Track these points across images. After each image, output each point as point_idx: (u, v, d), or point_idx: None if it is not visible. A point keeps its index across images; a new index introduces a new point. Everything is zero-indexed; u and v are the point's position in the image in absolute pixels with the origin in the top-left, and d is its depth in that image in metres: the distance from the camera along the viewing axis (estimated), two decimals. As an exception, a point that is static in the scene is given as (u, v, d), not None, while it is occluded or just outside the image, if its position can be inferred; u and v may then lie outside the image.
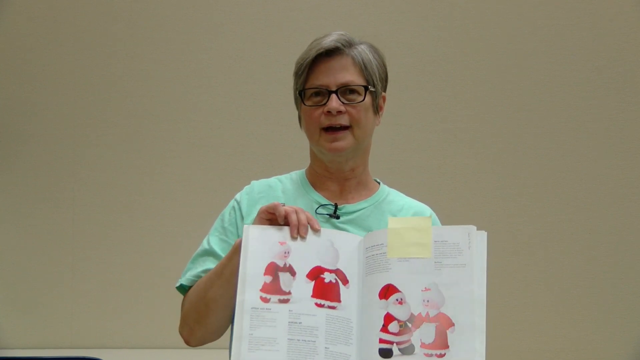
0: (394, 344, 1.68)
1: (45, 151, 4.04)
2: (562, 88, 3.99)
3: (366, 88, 1.90)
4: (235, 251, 1.78)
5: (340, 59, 1.89)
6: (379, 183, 2.05)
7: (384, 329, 1.69)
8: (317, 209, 1.95)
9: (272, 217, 1.77)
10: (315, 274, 1.73)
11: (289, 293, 1.71)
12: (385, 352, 1.67)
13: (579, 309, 3.98)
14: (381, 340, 1.68)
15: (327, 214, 1.94)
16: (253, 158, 3.98)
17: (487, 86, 4.00)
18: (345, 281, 1.74)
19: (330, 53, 1.89)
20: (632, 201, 3.98)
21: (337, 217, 1.94)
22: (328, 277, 1.73)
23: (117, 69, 4.05)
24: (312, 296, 1.71)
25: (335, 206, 1.95)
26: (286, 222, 1.76)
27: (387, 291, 1.71)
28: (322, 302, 1.71)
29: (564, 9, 3.98)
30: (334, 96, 1.87)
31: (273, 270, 1.72)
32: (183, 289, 1.97)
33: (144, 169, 4.04)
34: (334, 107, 1.87)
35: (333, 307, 1.71)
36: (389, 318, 1.69)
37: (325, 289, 1.72)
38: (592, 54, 3.99)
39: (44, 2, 4.01)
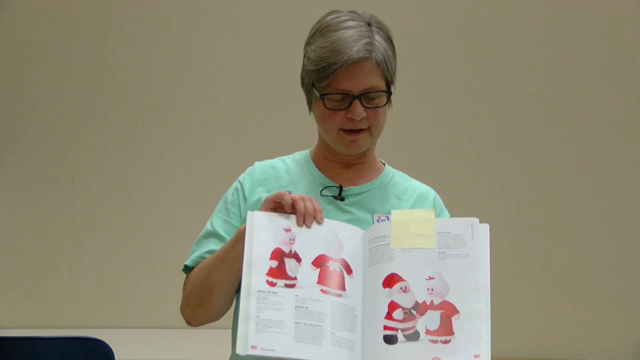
0: (399, 330, 1.70)
1: (44, 135, 4.07)
2: (564, 78, 4.03)
3: (389, 94, 1.89)
4: (239, 237, 1.79)
5: (365, 64, 1.86)
6: (384, 164, 2.06)
7: (389, 316, 1.71)
8: (321, 190, 1.96)
9: (277, 206, 1.78)
10: (320, 261, 1.75)
11: (295, 278, 1.72)
12: (390, 339, 1.69)
13: (580, 298, 4.02)
14: (385, 327, 1.70)
15: (331, 196, 1.95)
16: (255, 141, 4.00)
17: (489, 76, 4.04)
18: (349, 271, 1.76)
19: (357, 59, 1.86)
20: (634, 190, 4.00)
21: (342, 199, 1.95)
22: (333, 266, 1.75)
23: (117, 52, 4.06)
24: (318, 283, 1.72)
25: (340, 188, 1.96)
26: (293, 211, 1.77)
27: (391, 280, 1.74)
28: (328, 289, 1.73)
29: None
30: (357, 103, 1.86)
31: (279, 255, 1.73)
32: (187, 270, 1.98)
33: (144, 152, 4.08)
34: (358, 114, 1.86)
35: (338, 295, 1.73)
36: (393, 306, 1.72)
37: (330, 276, 1.74)
38: (595, 44, 4.02)
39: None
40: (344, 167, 1.99)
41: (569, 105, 4.02)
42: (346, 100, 1.87)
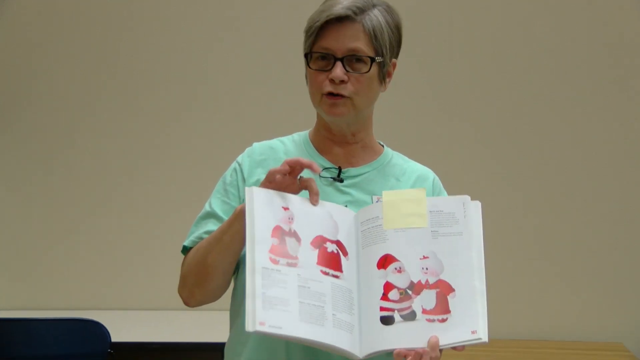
0: (395, 311, 1.71)
1: (40, 117, 4.08)
2: (561, 56, 4.03)
3: (372, 60, 1.90)
4: (236, 217, 1.79)
5: (351, 26, 1.89)
6: (383, 146, 2.07)
7: (384, 297, 1.72)
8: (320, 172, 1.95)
9: (274, 187, 1.79)
10: (319, 242, 1.75)
11: (296, 258, 1.71)
12: (387, 320, 1.71)
13: (582, 280, 4.03)
14: (382, 308, 1.72)
15: (330, 177, 1.96)
16: (254, 122, 4.01)
17: (485, 55, 4.04)
18: (345, 253, 1.77)
19: (341, 19, 1.89)
20: (632, 166, 4.01)
21: (341, 181, 1.96)
22: (330, 247, 1.76)
23: (115, 35, 4.06)
24: (317, 263, 1.73)
25: (339, 169, 1.98)
26: (292, 175, 1.78)
27: (385, 261, 1.75)
28: (327, 270, 1.73)
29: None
30: (338, 64, 1.88)
31: (279, 233, 1.72)
32: (185, 251, 1.98)
33: (141, 134, 4.09)
34: (337, 75, 1.88)
35: (337, 277, 1.74)
36: (388, 286, 1.73)
37: (329, 258, 1.74)
38: (596, 26, 4.00)
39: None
40: (340, 146, 2.00)
41: (566, 88, 4.03)
42: (330, 62, 1.89)
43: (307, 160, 1.79)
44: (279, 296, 1.66)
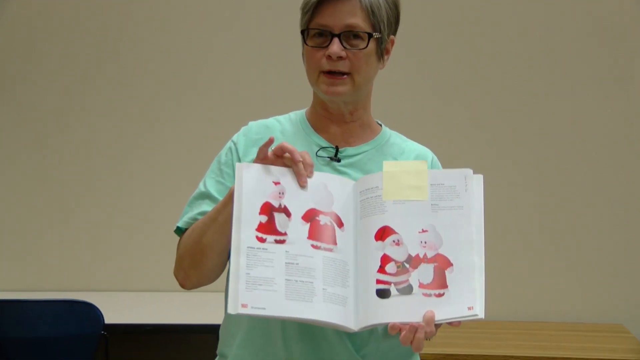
0: (392, 284, 1.71)
1: (33, 97, 4.09)
2: (558, 36, 4.03)
3: (370, 35, 1.90)
4: (231, 197, 1.79)
5: (348, 2, 1.89)
6: (381, 125, 2.08)
7: (381, 269, 1.72)
8: (317, 151, 1.98)
9: (266, 164, 1.80)
10: (311, 215, 1.75)
11: (285, 234, 1.72)
12: (383, 293, 1.71)
13: (576, 257, 4.05)
14: (378, 281, 1.72)
15: (327, 157, 1.97)
16: (249, 102, 4.02)
17: (482, 33, 4.05)
18: (340, 224, 1.77)
19: None
20: (633, 148, 4.03)
21: (338, 160, 1.97)
22: (323, 220, 1.76)
23: (113, 17, 4.09)
24: (308, 238, 1.73)
25: (336, 149, 1.98)
26: (280, 154, 1.79)
27: (384, 233, 1.75)
28: (318, 244, 1.73)
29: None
30: (335, 40, 1.88)
31: (268, 210, 1.73)
32: (179, 232, 1.99)
33: (135, 114, 4.11)
34: (334, 51, 1.88)
35: (329, 250, 1.74)
36: (386, 259, 1.73)
37: (321, 231, 1.75)
38: (591, 9, 4.02)
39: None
40: (337, 124, 2.00)
41: (563, 67, 4.05)
42: (327, 39, 1.89)
43: (290, 146, 1.80)
44: (263, 276, 1.68)
